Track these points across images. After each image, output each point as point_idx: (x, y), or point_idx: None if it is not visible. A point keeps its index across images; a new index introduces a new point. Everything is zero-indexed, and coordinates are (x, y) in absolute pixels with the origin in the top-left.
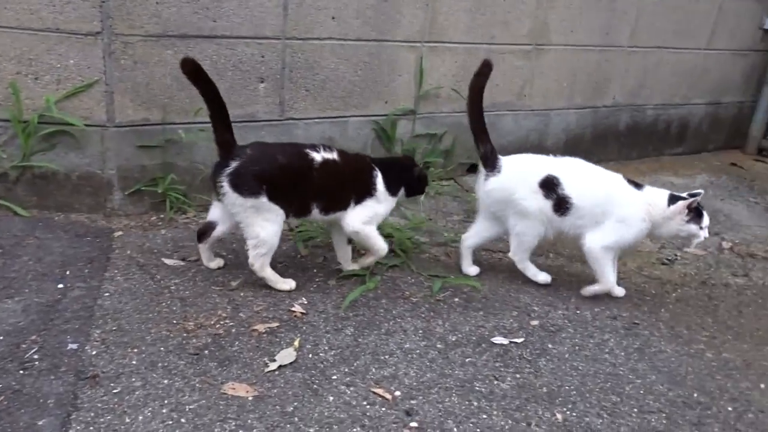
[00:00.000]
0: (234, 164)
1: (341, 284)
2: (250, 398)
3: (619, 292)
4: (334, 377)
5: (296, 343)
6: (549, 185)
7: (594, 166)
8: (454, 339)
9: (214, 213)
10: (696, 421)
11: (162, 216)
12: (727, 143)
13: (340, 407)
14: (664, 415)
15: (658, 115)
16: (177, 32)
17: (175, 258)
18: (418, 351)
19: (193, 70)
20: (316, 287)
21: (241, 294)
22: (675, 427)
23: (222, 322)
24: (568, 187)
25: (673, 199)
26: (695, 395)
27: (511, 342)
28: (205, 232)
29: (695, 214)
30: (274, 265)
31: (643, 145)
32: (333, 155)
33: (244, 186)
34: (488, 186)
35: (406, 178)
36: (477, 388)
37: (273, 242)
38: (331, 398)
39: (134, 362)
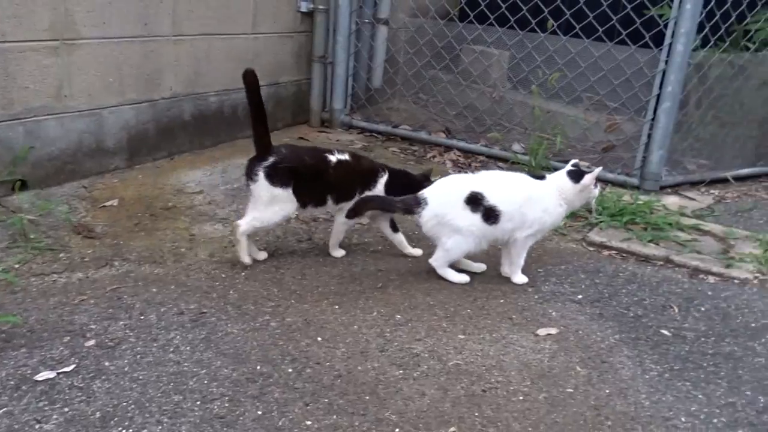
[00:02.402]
0: (271, 159)
1: None
2: None
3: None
4: None
5: None
6: (474, 200)
7: (503, 172)
8: None
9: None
10: (258, 393)
11: None
12: (294, 119)
13: None
14: (227, 398)
15: (222, 101)
16: None
17: None
18: None
19: (253, 82)
20: None
21: None
22: (237, 407)
23: None
24: (493, 198)
25: (572, 175)
26: (258, 367)
27: (59, 373)
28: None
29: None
30: None
31: (214, 132)
32: (345, 156)
33: (276, 177)
34: (423, 220)
35: (412, 189)
36: None
37: (271, 225)
38: None
39: None
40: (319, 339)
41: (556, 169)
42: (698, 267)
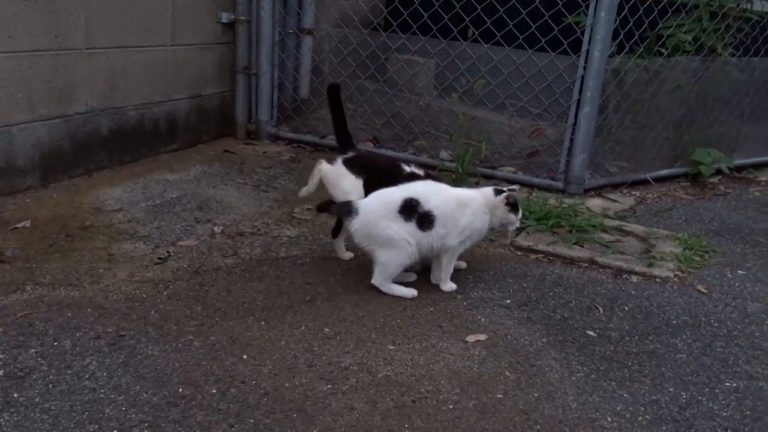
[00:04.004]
0: (351, 153)
1: None
2: None
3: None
4: None
5: None
6: (409, 208)
7: (432, 182)
8: None
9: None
10: (180, 417)
11: None
12: (219, 132)
13: None
14: (146, 424)
15: (142, 114)
16: None
17: None
18: None
19: (336, 92)
20: None
21: None
22: None
23: None
24: (428, 204)
25: (496, 191)
26: (181, 390)
27: None
28: (338, 228)
29: (513, 206)
30: None
31: (134, 147)
32: (420, 171)
33: (353, 167)
34: (353, 229)
35: None
36: None
37: None
38: None
39: None
40: (245, 357)
41: (483, 176)
42: (621, 267)
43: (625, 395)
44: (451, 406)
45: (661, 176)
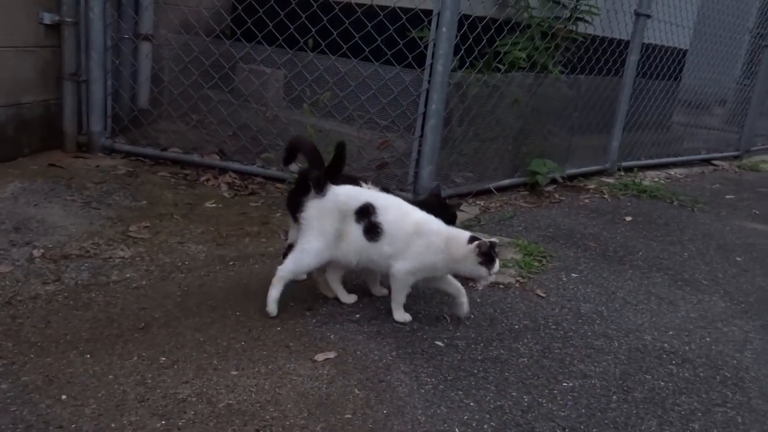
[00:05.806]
0: None
1: None
2: None
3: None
4: None
5: None
6: (364, 212)
7: (401, 200)
8: None
9: (293, 235)
10: None
11: None
12: (44, 145)
13: None
14: None
15: None
16: None
17: None
18: None
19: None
20: None
21: None
22: None
23: None
24: (382, 215)
25: (472, 240)
26: None
27: None
28: (287, 252)
29: (487, 258)
30: None
31: None
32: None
33: None
34: (310, 203)
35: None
36: None
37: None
38: None
39: None
40: (64, 397)
41: None
42: None
43: (472, 404)
44: None
45: (503, 186)
